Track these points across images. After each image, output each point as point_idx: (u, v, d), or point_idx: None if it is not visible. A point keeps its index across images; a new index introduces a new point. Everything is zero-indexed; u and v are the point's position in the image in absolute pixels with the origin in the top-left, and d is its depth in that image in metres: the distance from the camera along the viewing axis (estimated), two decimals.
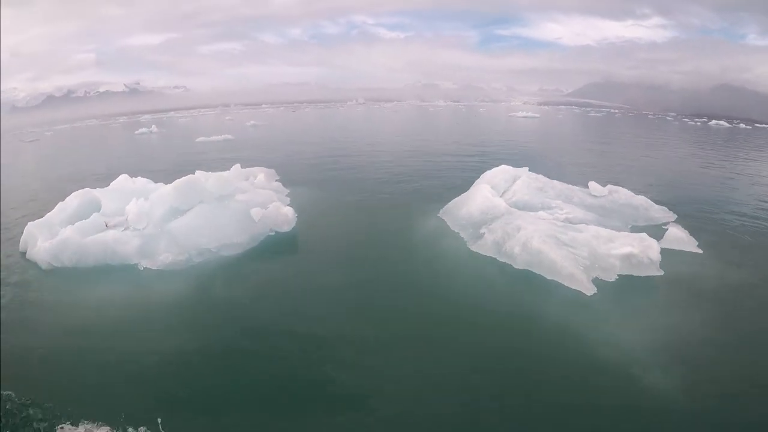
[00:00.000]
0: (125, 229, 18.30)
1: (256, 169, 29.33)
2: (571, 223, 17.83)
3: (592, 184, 22.56)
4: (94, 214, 19.09)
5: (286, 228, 19.97)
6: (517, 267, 15.47)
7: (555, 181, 22.73)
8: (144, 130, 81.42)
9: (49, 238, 18.12)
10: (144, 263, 16.99)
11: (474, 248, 17.05)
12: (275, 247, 19.05)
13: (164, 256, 17.12)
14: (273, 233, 19.67)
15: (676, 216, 21.41)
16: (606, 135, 70.62)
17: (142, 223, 18.30)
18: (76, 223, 18.44)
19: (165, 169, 36.08)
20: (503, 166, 23.19)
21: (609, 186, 22.83)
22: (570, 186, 22.63)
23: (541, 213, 18.21)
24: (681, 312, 13.28)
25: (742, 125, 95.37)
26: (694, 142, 62.50)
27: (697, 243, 18.13)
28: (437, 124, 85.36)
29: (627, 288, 14.48)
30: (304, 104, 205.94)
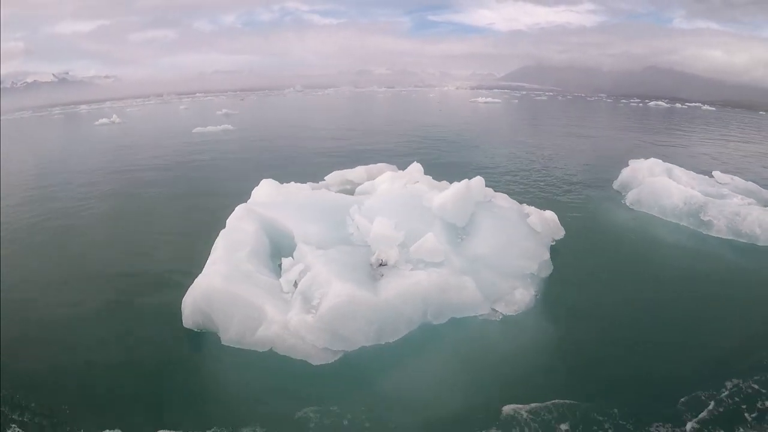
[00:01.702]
0: (414, 267, 13.09)
1: (380, 165, 26.30)
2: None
3: (717, 173, 27.50)
4: (300, 245, 13.65)
5: (561, 235, 18.33)
6: (759, 244, 19.06)
7: (691, 172, 27.65)
8: (105, 120, 75.65)
9: (285, 298, 12.00)
10: (501, 308, 13.19)
11: (713, 233, 20.19)
12: (574, 260, 17.12)
13: (519, 294, 13.53)
14: (554, 243, 17.85)
15: None
16: (585, 119, 78.94)
17: (440, 255, 13.54)
18: (318, 267, 12.36)
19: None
20: (653, 159, 26.80)
21: (722, 174, 28.03)
22: (701, 176, 27.60)
23: (735, 200, 22.81)
24: None
25: (678, 105, 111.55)
26: (673, 124, 72.76)
27: None
28: (414, 110, 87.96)
29: None
30: (243, 92, 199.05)
